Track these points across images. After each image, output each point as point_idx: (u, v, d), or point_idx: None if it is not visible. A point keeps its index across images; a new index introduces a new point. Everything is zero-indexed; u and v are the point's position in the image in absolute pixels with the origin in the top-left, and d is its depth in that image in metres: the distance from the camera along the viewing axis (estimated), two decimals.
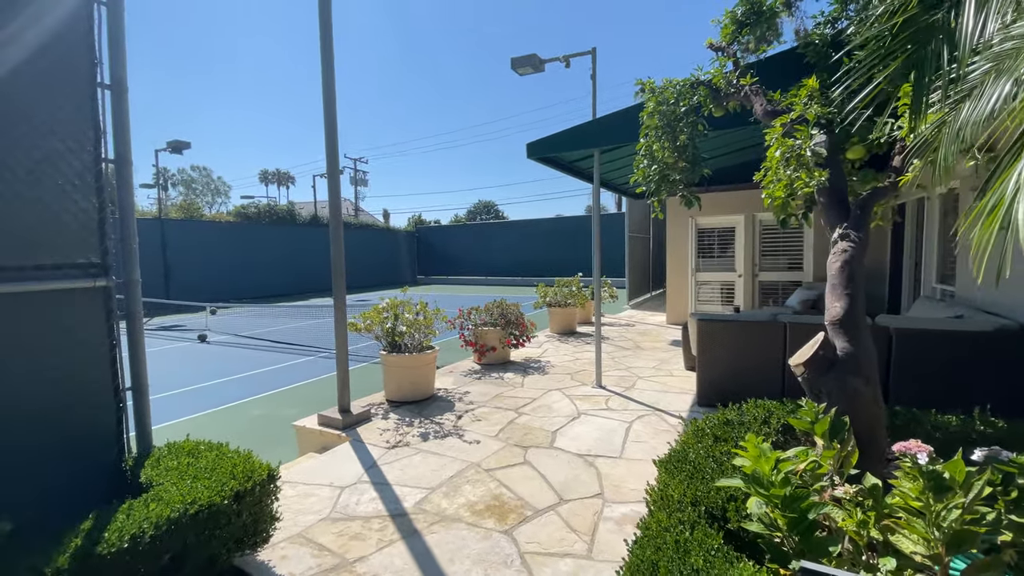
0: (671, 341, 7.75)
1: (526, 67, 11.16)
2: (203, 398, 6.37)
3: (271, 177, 59.60)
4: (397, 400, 4.58)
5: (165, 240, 18.30)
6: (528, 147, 5.29)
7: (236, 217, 23.35)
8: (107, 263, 2.38)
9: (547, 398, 4.76)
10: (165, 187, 56.06)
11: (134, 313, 2.49)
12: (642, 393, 4.90)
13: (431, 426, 4.01)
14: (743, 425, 2.73)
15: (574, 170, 6.71)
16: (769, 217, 8.99)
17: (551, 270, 25.76)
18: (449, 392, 4.95)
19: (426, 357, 4.54)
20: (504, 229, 28.73)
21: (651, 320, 10.08)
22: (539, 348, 7.13)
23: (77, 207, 2.26)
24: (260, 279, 21.34)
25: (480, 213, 59.85)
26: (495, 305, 6.10)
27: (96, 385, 2.33)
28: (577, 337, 8.09)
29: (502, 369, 5.89)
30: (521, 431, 3.90)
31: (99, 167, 2.35)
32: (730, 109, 3.96)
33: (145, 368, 2.52)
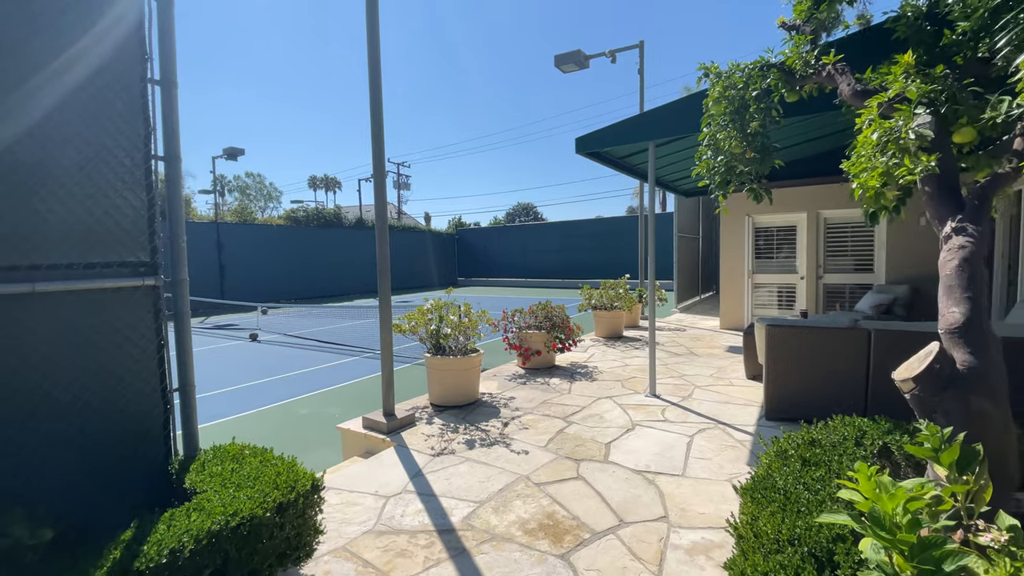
0: (727, 347, 7.28)
1: (570, 64, 10.91)
2: (253, 397, 6.49)
3: (319, 183, 61.92)
4: (441, 404, 4.44)
5: (220, 242, 19.17)
6: (577, 142, 5.05)
7: (286, 220, 24.24)
8: (156, 262, 2.33)
9: (597, 406, 4.49)
10: (222, 193, 59.26)
11: (182, 312, 2.43)
12: (701, 404, 4.55)
13: (477, 433, 3.84)
14: (834, 447, 2.40)
15: (624, 166, 6.41)
16: (836, 214, 8.35)
17: (592, 272, 25.32)
18: (494, 397, 4.78)
19: (470, 360, 4.38)
20: (544, 231, 28.48)
21: (703, 325, 9.58)
22: (585, 353, 6.86)
23: (127, 204, 2.22)
24: (308, 280, 22.04)
25: (519, 215, 59.81)
26: (540, 308, 5.88)
27: (144, 385, 2.29)
28: (624, 342, 7.75)
29: (547, 374, 5.66)
30: (572, 442, 3.66)
31: (148, 164, 2.30)
32: (804, 93, 3.59)
33: (192, 369, 2.47)
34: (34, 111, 1.95)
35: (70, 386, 2.05)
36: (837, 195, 8.24)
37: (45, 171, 1.98)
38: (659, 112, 4.47)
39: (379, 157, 3.82)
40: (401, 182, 42.74)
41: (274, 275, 20.81)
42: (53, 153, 2.00)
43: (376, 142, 3.78)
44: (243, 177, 62.18)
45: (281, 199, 61.80)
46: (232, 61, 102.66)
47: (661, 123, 4.47)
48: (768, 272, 8.91)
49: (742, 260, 8.98)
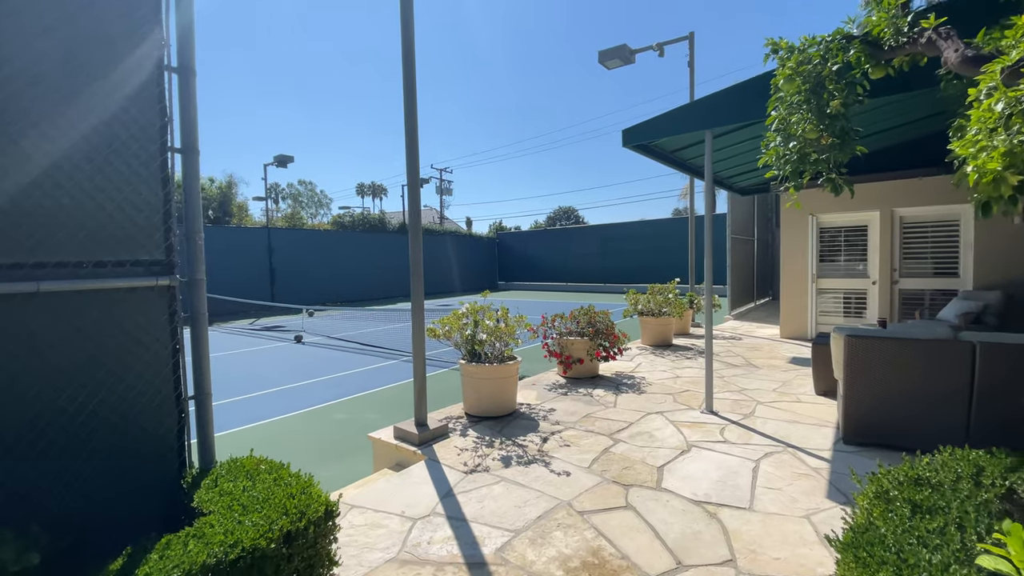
0: (790, 358, 6.65)
1: (614, 59, 10.48)
2: (293, 399, 6.48)
3: (366, 189, 64.01)
4: (476, 414, 4.18)
5: (271, 247, 19.87)
6: (624, 134, 4.69)
7: (333, 225, 24.93)
8: (172, 260, 2.18)
9: (646, 423, 4.09)
10: (276, 200, 62.32)
11: (199, 315, 2.28)
12: (765, 423, 4.06)
13: (513, 449, 3.54)
14: (948, 490, 1.94)
15: (675, 161, 5.96)
16: (914, 212, 7.52)
17: (635, 276, 24.53)
18: (532, 408, 4.46)
19: (507, 368, 4.09)
20: (585, 234, 27.92)
21: (760, 333, 8.88)
22: (631, 362, 6.42)
23: (140, 199, 2.08)
24: (353, 283, 22.52)
25: (560, 219, 59.30)
26: (582, 313, 5.52)
27: (157, 393, 2.14)
28: (673, 351, 7.24)
29: (590, 384, 5.29)
30: (619, 463, 3.29)
31: (164, 156, 2.16)
32: (893, 68, 3.10)
33: (209, 376, 2.31)
34: (39, 98, 1.83)
35: (76, 393, 1.91)
36: (915, 191, 7.42)
37: (51, 162, 1.86)
38: (718, 97, 4.04)
39: (413, 151, 3.62)
40: (443, 187, 43.28)
41: (321, 278, 21.38)
42: (60, 143, 1.88)
43: (410, 137, 3.59)
44: (296, 185, 65.36)
45: (331, 206, 64.28)
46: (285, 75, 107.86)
47: (720, 109, 4.04)
48: (834, 276, 8.15)
49: (805, 263, 8.25)
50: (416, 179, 3.68)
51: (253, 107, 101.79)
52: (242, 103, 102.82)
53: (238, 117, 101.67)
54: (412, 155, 3.60)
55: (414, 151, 3.61)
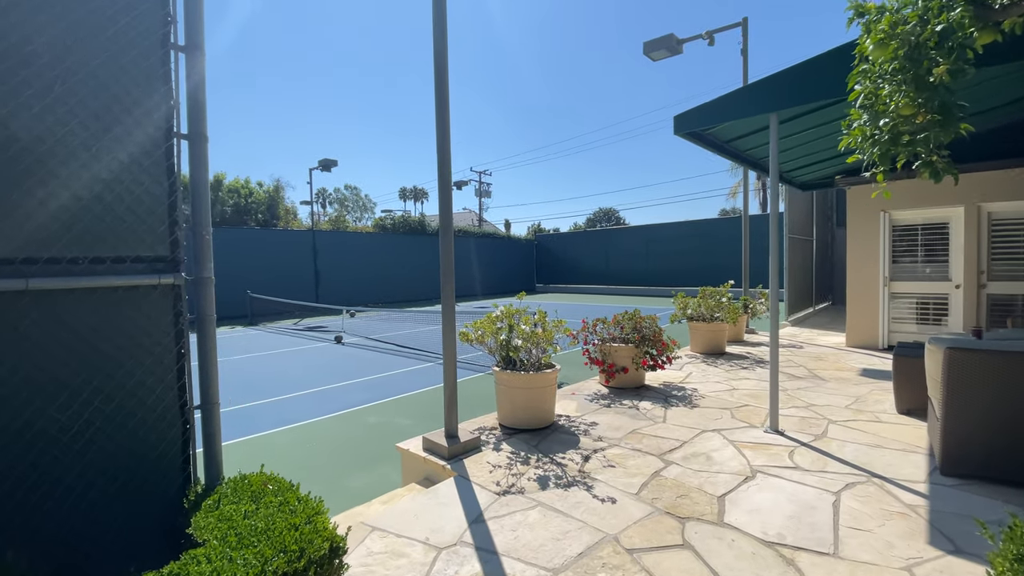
0: (860, 370, 5.97)
1: (660, 50, 9.97)
2: (328, 401, 6.39)
3: (408, 194, 65.39)
4: (511, 426, 3.87)
5: (316, 249, 20.37)
6: (677, 120, 4.27)
7: (375, 228, 25.36)
8: (177, 257, 2.00)
9: (702, 442, 3.65)
10: (324, 205, 64.63)
11: (205, 317, 2.08)
12: (842, 446, 3.54)
13: (551, 467, 3.20)
14: None
15: (730, 151, 5.46)
16: (1005, 208, 6.64)
17: (681, 279, 23.59)
18: (572, 421, 4.11)
19: (545, 377, 3.76)
20: (627, 235, 27.14)
21: (822, 341, 8.13)
22: (680, 371, 5.94)
23: (143, 190, 1.91)
24: (394, 284, 22.79)
25: (600, 220, 58.32)
26: (627, 317, 5.11)
27: (159, 402, 1.95)
28: (727, 359, 6.68)
29: (636, 395, 4.87)
30: (672, 490, 2.90)
31: (170, 143, 1.98)
32: (1003, 33, 2.57)
33: (216, 383, 2.11)
34: (32, 78, 1.67)
35: (69, 402, 1.74)
36: (1007, 184, 6.55)
37: (45, 149, 1.70)
38: (786, 75, 3.56)
39: (444, 145, 3.36)
40: (482, 190, 43.40)
41: (363, 280, 21.75)
42: (54, 128, 1.71)
43: (441, 133, 3.33)
44: (342, 190, 67.68)
45: (374, 209, 66.02)
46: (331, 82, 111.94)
47: (789, 88, 3.56)
48: (910, 279, 7.33)
49: (876, 265, 7.47)
50: (447, 174, 3.42)
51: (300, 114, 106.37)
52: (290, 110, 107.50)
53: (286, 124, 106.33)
54: (443, 151, 3.35)
55: (445, 146, 3.35)
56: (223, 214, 18.81)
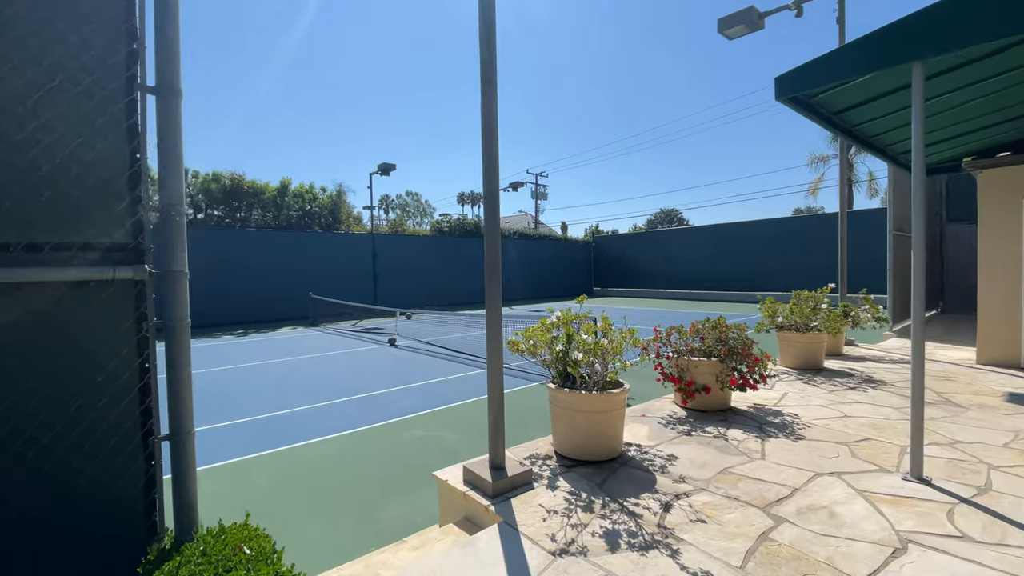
0: (1005, 395, 4.77)
1: (738, 26, 8.91)
2: (374, 408, 6.05)
3: (467, 198, 66.39)
4: (569, 456, 3.22)
5: (375, 252, 20.66)
6: (779, 83, 3.45)
7: (432, 231, 25.52)
8: (141, 245, 1.56)
9: (819, 490, 2.82)
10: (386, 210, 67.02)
11: (176, 322, 1.62)
12: (1019, 505, 2.59)
13: (621, 518, 2.52)
14: None
15: (839, 125, 4.50)
16: None
17: (755, 282, 21.74)
18: (644, 452, 3.39)
19: (611, 399, 3.08)
20: (692, 236, 25.50)
21: (942, 356, 6.78)
22: (772, 391, 5.00)
23: (95, 156, 1.47)
24: (450, 287, 22.73)
25: (661, 221, 56.06)
26: (709, 326, 4.30)
27: (115, 431, 1.51)
28: (827, 377, 5.63)
29: (721, 420, 4.05)
30: (791, 565, 2.13)
31: (132, 97, 1.54)
32: None
33: (190, 408, 1.64)
34: None
35: None
36: None
37: None
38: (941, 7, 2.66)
39: (491, 135, 2.79)
40: (538, 192, 42.88)
41: (420, 282, 21.84)
42: None
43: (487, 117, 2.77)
44: (404, 196, 70.14)
45: (434, 214, 67.58)
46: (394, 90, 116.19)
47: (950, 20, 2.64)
48: None
49: (1018, 264, 6.09)
50: (494, 162, 2.84)
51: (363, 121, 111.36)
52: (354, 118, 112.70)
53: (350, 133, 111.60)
54: (490, 141, 2.78)
55: (492, 134, 2.78)
56: (289, 218, 19.50)
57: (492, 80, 2.76)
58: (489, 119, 2.77)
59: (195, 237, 15.93)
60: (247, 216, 18.50)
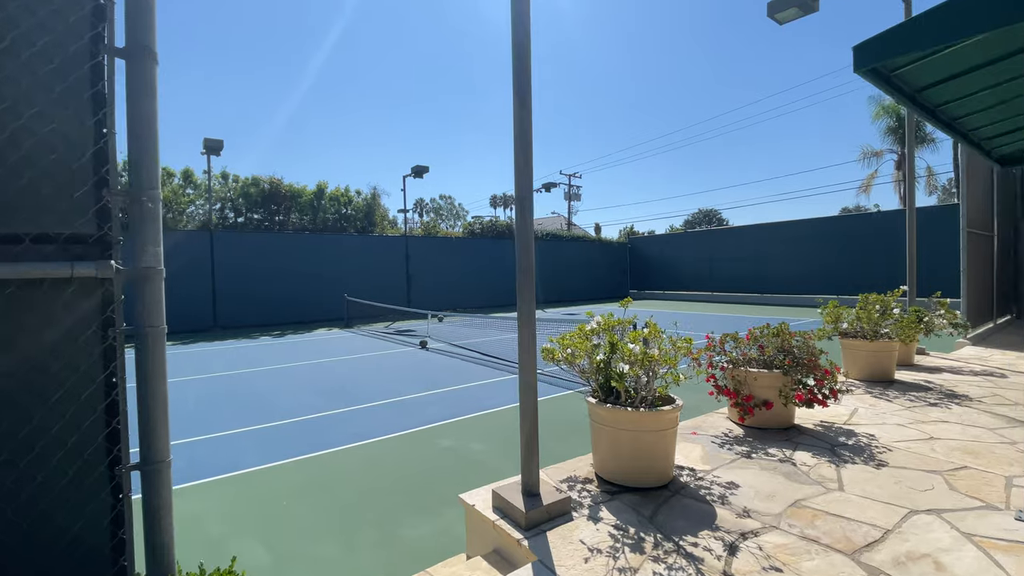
0: None
1: (790, 8, 8.27)
2: (403, 414, 5.82)
3: (499, 201, 66.53)
4: (612, 481, 2.83)
5: (408, 254, 20.72)
6: (857, 52, 2.97)
7: (464, 233, 25.45)
8: (107, 237, 1.31)
9: (917, 532, 2.35)
10: (420, 214, 67.95)
11: (148, 330, 1.36)
12: None
13: (678, 562, 2.13)
14: None
15: (922, 104, 3.95)
16: None
17: (804, 285, 20.59)
18: (698, 478, 2.97)
19: (662, 417, 2.69)
20: (734, 236, 24.41)
21: None
22: (840, 407, 4.45)
23: (51, 130, 1.23)
24: (482, 289, 22.57)
25: (699, 222, 54.41)
26: (770, 333, 3.83)
27: (74, 459, 1.26)
28: (900, 390, 5.01)
29: (784, 440, 3.57)
30: None
31: (98, 60, 1.30)
32: None
33: (166, 431, 1.38)
34: None
35: None
36: None
37: None
38: None
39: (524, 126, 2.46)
40: (572, 193, 42.29)
41: (452, 284, 21.77)
42: None
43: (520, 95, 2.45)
44: (437, 200, 71.09)
45: (467, 217, 68.06)
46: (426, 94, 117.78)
47: None
48: None
49: None
50: (528, 147, 2.51)
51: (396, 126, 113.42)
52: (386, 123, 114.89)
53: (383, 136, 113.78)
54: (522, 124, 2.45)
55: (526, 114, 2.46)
56: (325, 221, 19.79)
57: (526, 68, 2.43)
58: (523, 95, 2.44)
59: (235, 240, 16.34)
60: (285, 219, 18.86)
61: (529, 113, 2.49)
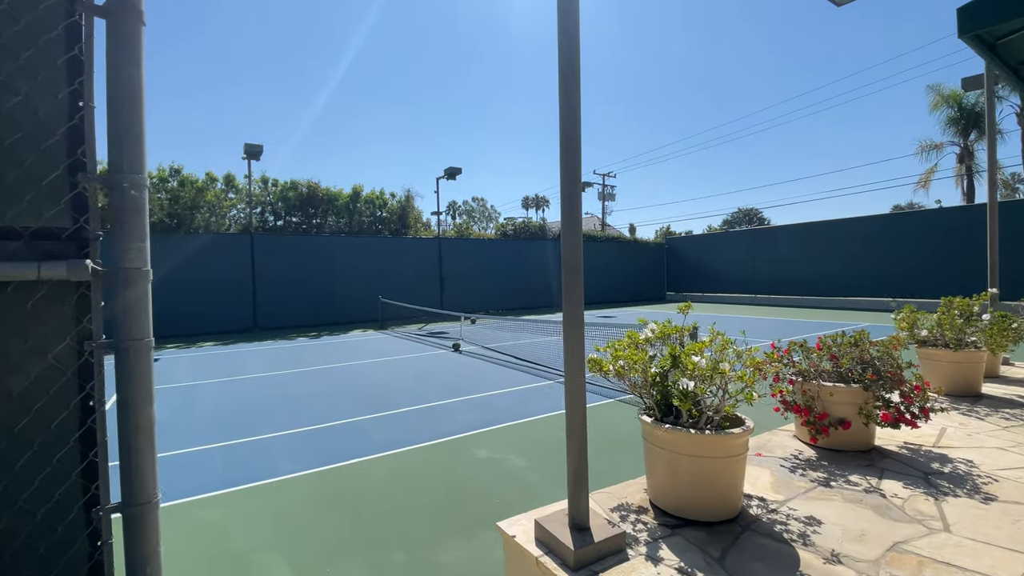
0: None
1: None
2: (435, 421, 5.61)
3: (531, 202, 66.43)
4: (671, 512, 2.48)
5: (441, 256, 20.70)
6: (962, 14, 2.52)
7: (497, 235, 25.27)
8: (84, 232, 1.09)
9: None
10: (453, 216, 68.53)
11: (130, 343, 1.13)
12: None
13: None
14: None
15: None
16: None
17: (854, 287, 19.38)
18: (772, 511, 2.58)
19: (731, 442, 2.32)
20: (779, 235, 23.26)
21: None
22: (925, 425, 3.92)
23: (18, 103, 1.02)
24: (514, 290, 22.33)
25: (739, 221, 52.53)
26: (846, 342, 3.38)
27: (42, 498, 1.05)
28: (991, 406, 4.40)
29: (867, 466, 3.12)
30: None
31: (73, 19, 1.08)
32: None
33: (152, 464, 1.15)
34: None
35: None
36: None
37: None
38: None
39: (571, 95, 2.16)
40: (606, 193, 41.54)
41: (485, 286, 21.63)
42: None
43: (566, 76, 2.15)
44: (470, 202, 71.66)
45: (499, 219, 68.24)
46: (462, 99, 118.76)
47: None
48: None
49: None
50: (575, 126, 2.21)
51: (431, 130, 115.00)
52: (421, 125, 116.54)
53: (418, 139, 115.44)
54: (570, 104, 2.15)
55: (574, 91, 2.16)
56: (361, 224, 20.00)
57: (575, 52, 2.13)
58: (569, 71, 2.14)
59: (275, 243, 16.68)
60: (322, 222, 19.16)
61: (577, 92, 2.19)
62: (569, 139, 2.18)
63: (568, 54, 2.16)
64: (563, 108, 2.18)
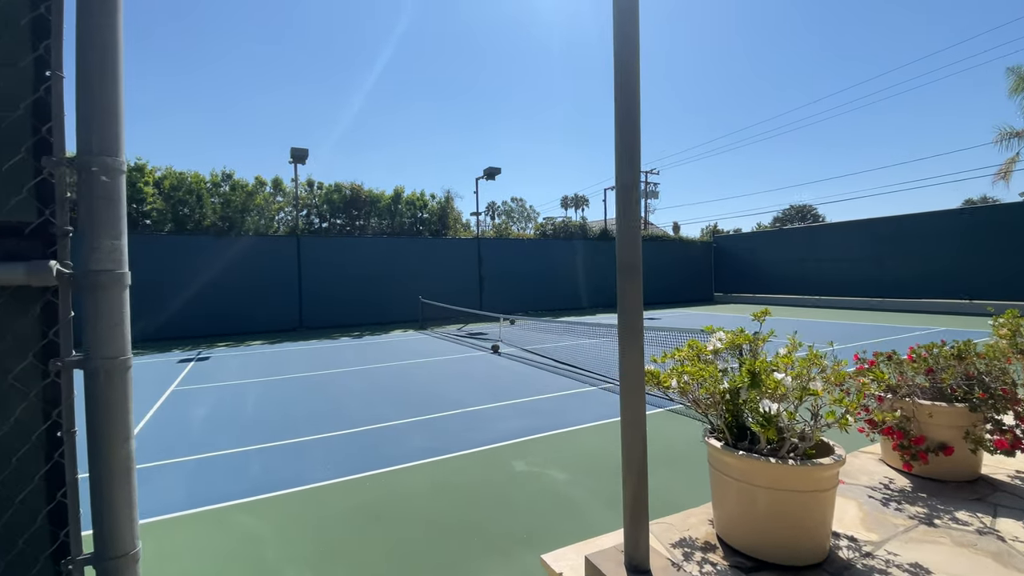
0: None
1: None
2: (473, 427, 5.41)
3: (569, 201, 65.77)
4: (744, 550, 2.14)
5: (480, 256, 20.63)
6: None
7: (536, 235, 24.99)
8: (51, 228, 0.91)
9: None
10: (492, 216, 68.82)
11: (102, 361, 0.93)
12: None
13: None
14: None
15: None
16: None
17: (924, 289, 17.86)
18: (867, 554, 2.18)
19: (821, 473, 1.96)
20: (836, 233, 21.82)
21: None
22: None
23: None
24: (553, 291, 21.98)
25: (791, 219, 49.92)
26: (949, 355, 2.90)
27: (2, 543, 0.86)
28: None
29: (974, 500, 2.64)
30: None
31: None
32: None
33: (131, 509, 0.95)
34: None
35: None
36: None
37: None
38: None
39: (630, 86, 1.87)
40: (649, 191, 40.44)
41: (524, 286, 21.40)
42: None
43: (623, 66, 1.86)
44: (509, 202, 71.81)
45: (538, 219, 67.98)
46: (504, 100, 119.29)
47: None
48: None
49: None
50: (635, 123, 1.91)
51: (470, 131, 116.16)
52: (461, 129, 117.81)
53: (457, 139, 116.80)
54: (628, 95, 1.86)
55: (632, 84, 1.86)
56: (402, 225, 20.21)
57: None
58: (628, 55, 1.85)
59: (320, 244, 17.09)
60: (365, 224, 19.49)
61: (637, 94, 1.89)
62: (626, 137, 1.88)
63: (625, 52, 1.88)
64: (619, 109, 1.89)
